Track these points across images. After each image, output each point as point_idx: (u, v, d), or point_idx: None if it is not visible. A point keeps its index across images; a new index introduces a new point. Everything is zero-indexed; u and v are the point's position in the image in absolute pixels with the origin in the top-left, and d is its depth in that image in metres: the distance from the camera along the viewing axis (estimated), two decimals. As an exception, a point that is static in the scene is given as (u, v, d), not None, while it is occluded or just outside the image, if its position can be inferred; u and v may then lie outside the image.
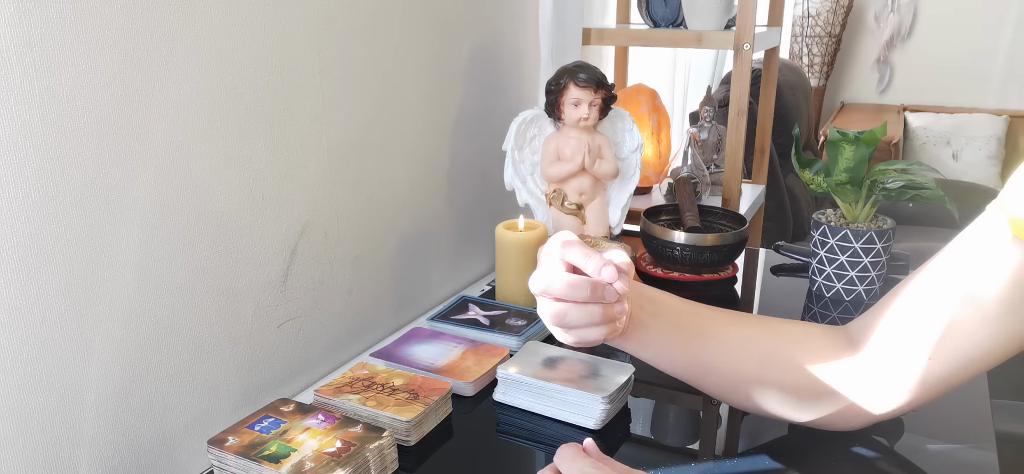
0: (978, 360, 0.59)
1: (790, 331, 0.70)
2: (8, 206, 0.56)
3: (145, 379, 0.68)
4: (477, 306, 1.00)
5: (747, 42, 1.25)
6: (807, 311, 1.05)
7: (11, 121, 0.55)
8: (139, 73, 0.63)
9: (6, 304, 0.57)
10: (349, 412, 0.74)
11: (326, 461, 0.64)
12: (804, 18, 3.42)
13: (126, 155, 0.63)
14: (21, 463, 0.60)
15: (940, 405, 0.67)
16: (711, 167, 1.51)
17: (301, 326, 0.86)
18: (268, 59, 0.76)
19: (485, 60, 1.16)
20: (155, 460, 0.71)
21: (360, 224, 0.93)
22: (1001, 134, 3.29)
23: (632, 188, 1.15)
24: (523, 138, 1.11)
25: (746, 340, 0.69)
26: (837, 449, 0.72)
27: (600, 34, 1.40)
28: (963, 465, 0.71)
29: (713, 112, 1.53)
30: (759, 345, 0.69)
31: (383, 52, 0.93)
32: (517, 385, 0.79)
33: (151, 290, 0.68)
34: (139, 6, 0.62)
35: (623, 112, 1.15)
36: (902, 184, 1.01)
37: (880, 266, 1.03)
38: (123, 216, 0.64)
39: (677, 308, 0.70)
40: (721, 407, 0.82)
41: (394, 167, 0.98)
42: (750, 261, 1.28)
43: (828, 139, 1.03)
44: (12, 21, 0.54)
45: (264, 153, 0.77)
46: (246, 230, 0.77)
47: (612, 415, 0.77)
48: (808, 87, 2.86)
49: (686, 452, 0.75)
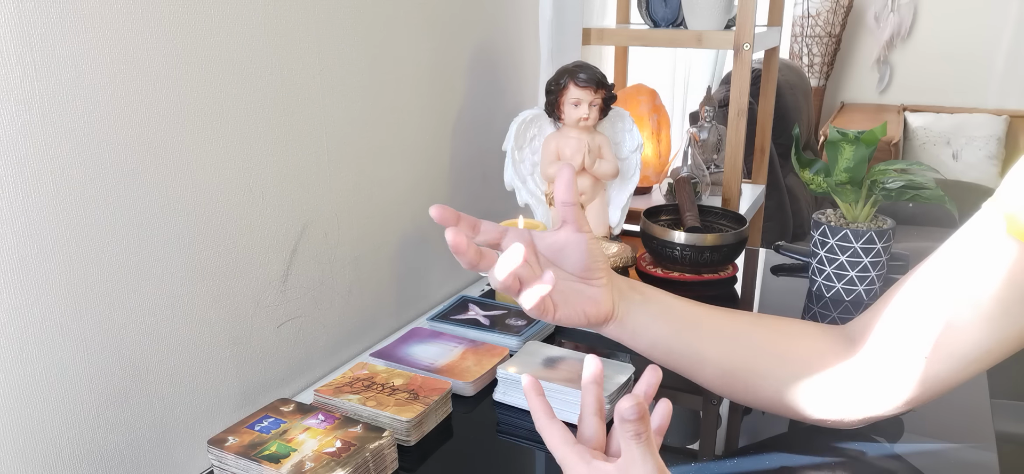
0: (976, 359, 0.59)
1: (786, 327, 0.70)
2: (8, 206, 0.56)
3: (145, 379, 0.68)
4: (477, 306, 1.00)
5: (747, 42, 1.25)
6: (807, 311, 1.05)
7: (11, 121, 0.55)
8: (139, 73, 0.63)
9: (6, 304, 0.57)
10: (349, 412, 0.74)
11: (326, 461, 0.64)
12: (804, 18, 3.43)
13: (126, 155, 0.63)
14: (21, 463, 0.60)
15: (940, 405, 0.67)
16: (711, 167, 1.51)
17: (301, 326, 0.86)
18: (268, 59, 0.76)
19: (485, 60, 1.16)
20: (155, 460, 0.71)
21: (360, 224, 0.93)
22: (1001, 134, 3.29)
23: (632, 188, 1.15)
24: (523, 138, 1.11)
25: (741, 333, 0.70)
26: (837, 449, 0.72)
27: (600, 34, 1.40)
28: (963, 465, 0.71)
29: (713, 112, 1.53)
30: (754, 338, 0.69)
31: (383, 52, 0.93)
32: (517, 385, 0.79)
33: (151, 290, 0.68)
34: (139, 6, 0.62)
35: (623, 112, 1.15)
36: (902, 184, 1.01)
37: (880, 266, 1.03)
38: (123, 216, 0.64)
39: (668, 300, 0.71)
40: (721, 407, 0.82)
41: (394, 167, 0.98)
42: (750, 261, 1.28)
43: (828, 139, 1.03)
44: (12, 21, 0.54)
45: (264, 153, 0.77)
46: (246, 230, 0.77)
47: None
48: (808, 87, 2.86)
49: (686, 452, 0.75)
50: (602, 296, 0.67)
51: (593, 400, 0.59)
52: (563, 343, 0.93)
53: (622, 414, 0.49)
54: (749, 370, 0.68)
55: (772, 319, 0.72)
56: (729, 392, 0.71)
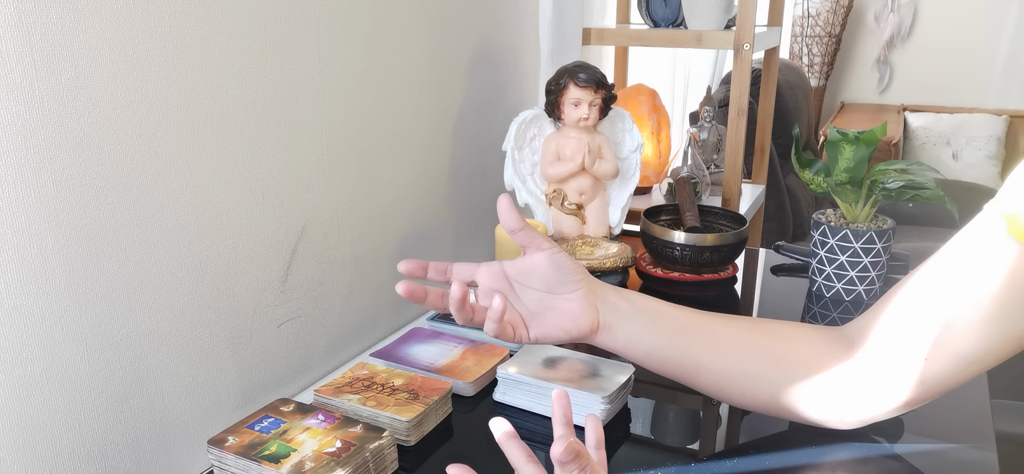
0: (976, 360, 0.59)
1: (782, 330, 0.70)
2: (8, 206, 0.56)
3: (145, 379, 0.68)
4: (477, 306, 1.00)
5: (747, 42, 1.25)
6: (807, 311, 1.05)
7: (11, 121, 0.55)
8: (139, 73, 0.63)
9: (6, 304, 0.57)
10: (349, 412, 0.74)
11: (326, 461, 0.64)
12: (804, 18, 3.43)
13: (126, 155, 0.63)
14: (21, 463, 0.60)
15: (940, 405, 0.67)
16: (711, 167, 1.51)
17: (301, 326, 0.86)
18: (268, 59, 0.76)
19: (485, 60, 1.16)
20: (155, 460, 0.71)
21: (360, 224, 0.93)
22: (1001, 134, 3.29)
23: (632, 188, 1.15)
24: (523, 138, 1.11)
25: (737, 338, 0.69)
26: (837, 449, 0.72)
27: (600, 34, 1.40)
28: (963, 465, 0.71)
29: (713, 112, 1.53)
30: (750, 342, 0.69)
31: (383, 52, 0.93)
32: (517, 385, 0.79)
33: (151, 290, 0.68)
34: (139, 6, 0.62)
35: (623, 112, 1.15)
36: (902, 184, 1.01)
37: (880, 266, 1.03)
38: (123, 216, 0.64)
39: (660, 308, 0.71)
40: (721, 407, 0.82)
41: (394, 167, 0.98)
42: (750, 261, 1.28)
43: (828, 139, 1.03)
44: (12, 21, 0.54)
45: (264, 153, 0.77)
46: (246, 230, 0.77)
47: (612, 415, 0.77)
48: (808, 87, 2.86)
49: (686, 452, 0.75)
50: (580, 309, 0.67)
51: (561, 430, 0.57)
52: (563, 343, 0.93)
53: (558, 460, 0.50)
54: (746, 375, 0.68)
55: (767, 323, 0.72)
56: (726, 397, 0.71)
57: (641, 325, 0.69)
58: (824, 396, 0.66)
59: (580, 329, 0.67)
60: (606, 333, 0.68)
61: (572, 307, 0.67)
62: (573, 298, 0.67)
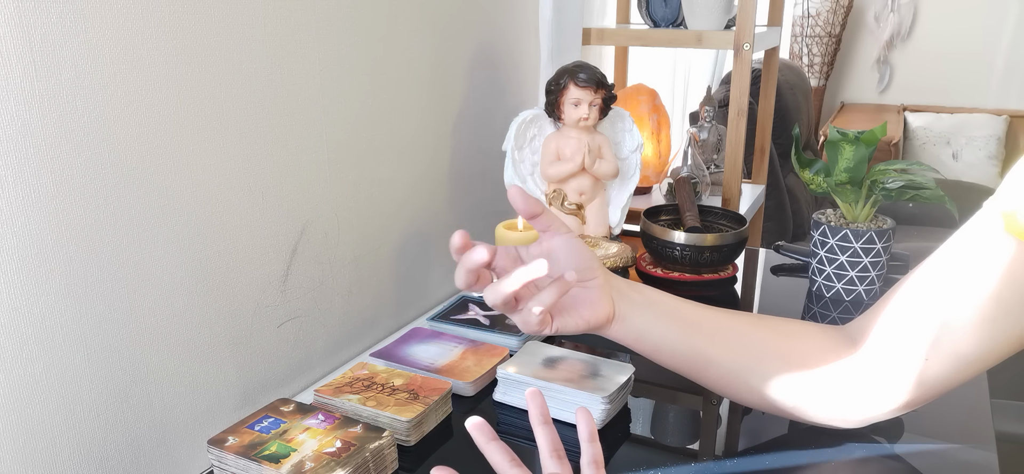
0: (975, 360, 0.59)
1: (788, 327, 0.70)
2: (8, 206, 0.56)
3: (145, 379, 0.68)
4: (477, 306, 1.00)
5: (747, 42, 1.25)
6: (807, 311, 1.05)
7: (11, 121, 0.55)
8: (139, 73, 0.63)
9: (6, 304, 0.57)
10: (349, 412, 0.74)
11: (326, 461, 0.64)
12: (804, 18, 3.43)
13: (126, 155, 0.63)
14: (21, 463, 0.60)
15: (940, 405, 0.67)
16: (711, 167, 1.51)
17: (301, 326, 0.86)
18: (268, 59, 0.76)
19: (485, 60, 1.16)
20: (155, 460, 0.71)
21: (360, 224, 0.93)
22: (1001, 134, 3.29)
23: (632, 188, 1.15)
24: (523, 138, 1.11)
25: (744, 334, 0.69)
26: (837, 450, 0.72)
27: (600, 34, 1.40)
28: (963, 465, 0.71)
29: (713, 112, 1.53)
30: (757, 338, 0.69)
31: (383, 52, 0.93)
32: (517, 385, 0.79)
33: (151, 290, 0.68)
34: (139, 6, 0.62)
35: (623, 112, 1.15)
36: (902, 184, 1.01)
37: (880, 266, 1.03)
38: (123, 216, 0.64)
39: (670, 302, 0.70)
40: (721, 407, 0.82)
41: (394, 167, 0.98)
42: (750, 261, 1.28)
43: (828, 139, 1.03)
44: (12, 21, 0.54)
45: (264, 153, 0.77)
46: (246, 229, 0.77)
47: (612, 415, 0.77)
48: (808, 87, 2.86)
49: (686, 452, 0.75)
50: (599, 297, 0.66)
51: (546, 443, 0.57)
52: (563, 343, 0.93)
53: None
54: (751, 371, 0.68)
55: (773, 319, 0.72)
56: (731, 393, 0.71)
57: (653, 317, 0.69)
58: (828, 394, 0.66)
59: (598, 319, 0.66)
60: (620, 324, 0.67)
61: (592, 295, 0.66)
62: (593, 286, 0.66)
